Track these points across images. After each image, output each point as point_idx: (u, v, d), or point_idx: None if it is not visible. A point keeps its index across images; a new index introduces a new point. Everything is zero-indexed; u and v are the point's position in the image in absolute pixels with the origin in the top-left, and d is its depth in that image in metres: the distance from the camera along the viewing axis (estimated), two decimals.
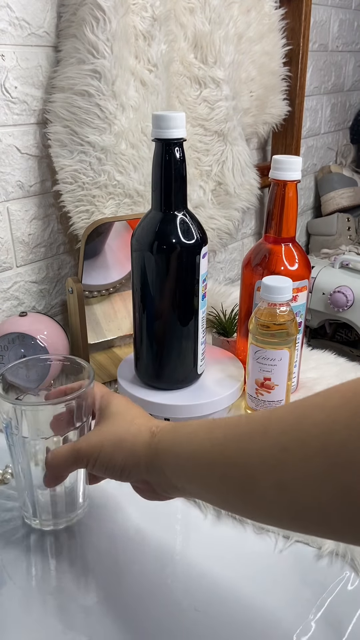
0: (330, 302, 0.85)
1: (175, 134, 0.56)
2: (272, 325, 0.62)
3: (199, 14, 0.84)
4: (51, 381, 0.58)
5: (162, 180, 0.58)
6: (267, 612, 0.45)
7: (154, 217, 0.60)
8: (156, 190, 0.59)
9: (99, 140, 0.73)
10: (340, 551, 0.49)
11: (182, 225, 0.59)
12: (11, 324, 0.71)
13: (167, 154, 0.56)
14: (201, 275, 0.61)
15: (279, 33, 1.06)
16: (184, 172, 0.58)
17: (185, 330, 0.63)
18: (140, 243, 0.60)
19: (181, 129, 0.56)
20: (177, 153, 0.57)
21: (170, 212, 0.59)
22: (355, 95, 1.66)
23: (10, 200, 0.75)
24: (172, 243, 0.58)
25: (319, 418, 0.31)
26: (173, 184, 0.58)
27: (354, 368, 0.80)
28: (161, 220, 0.59)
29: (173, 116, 0.55)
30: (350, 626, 0.43)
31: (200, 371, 0.66)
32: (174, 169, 0.57)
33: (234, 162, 0.94)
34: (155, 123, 0.56)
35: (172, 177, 0.57)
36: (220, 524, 0.53)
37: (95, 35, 0.69)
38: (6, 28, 0.68)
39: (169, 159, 0.57)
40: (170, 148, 0.56)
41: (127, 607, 0.45)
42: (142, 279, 0.61)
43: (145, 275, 0.60)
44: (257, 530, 0.53)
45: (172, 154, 0.56)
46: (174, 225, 0.59)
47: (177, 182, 0.58)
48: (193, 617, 0.44)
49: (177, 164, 0.57)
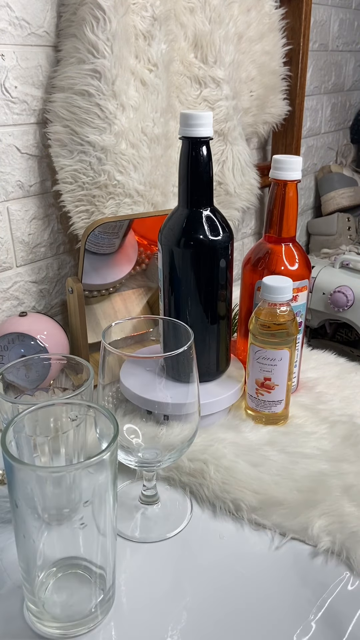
0: (330, 302, 0.85)
1: (203, 133, 0.57)
2: (273, 325, 0.62)
3: (199, 14, 0.84)
4: (51, 381, 0.58)
5: (189, 178, 0.59)
6: (267, 612, 0.45)
7: (181, 214, 0.61)
8: (183, 187, 0.60)
9: (99, 140, 0.73)
10: (335, 549, 0.49)
11: (209, 221, 0.60)
12: (11, 324, 0.71)
13: (194, 152, 0.58)
14: (227, 272, 0.63)
15: (279, 33, 1.06)
16: (210, 170, 0.59)
17: (214, 325, 0.64)
18: (168, 239, 0.61)
19: (208, 128, 0.57)
20: (203, 151, 0.58)
21: (197, 209, 0.60)
22: (356, 95, 1.66)
23: (10, 200, 0.75)
24: (198, 239, 0.60)
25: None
26: (199, 181, 0.59)
27: (354, 368, 0.80)
28: (187, 216, 0.60)
29: (200, 115, 0.57)
30: (350, 626, 0.43)
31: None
32: (200, 167, 0.59)
33: (234, 161, 0.94)
34: (183, 121, 0.57)
35: (199, 174, 0.59)
36: (217, 520, 0.53)
37: (95, 34, 0.69)
38: (6, 28, 0.68)
39: (196, 157, 0.58)
40: (197, 146, 0.58)
41: (123, 604, 0.45)
42: (171, 275, 0.63)
43: (174, 271, 0.62)
44: (254, 527, 0.53)
45: (199, 152, 0.58)
46: (200, 221, 0.60)
47: (203, 180, 0.59)
48: (194, 617, 0.44)
49: (203, 162, 0.58)
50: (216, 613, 0.45)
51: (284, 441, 0.63)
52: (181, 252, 0.60)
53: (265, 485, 0.55)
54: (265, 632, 0.43)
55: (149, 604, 0.45)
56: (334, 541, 0.50)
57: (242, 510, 0.54)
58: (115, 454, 0.41)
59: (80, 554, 0.45)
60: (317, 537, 0.50)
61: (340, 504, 0.53)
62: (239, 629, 0.43)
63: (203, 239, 0.60)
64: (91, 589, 0.45)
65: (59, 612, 0.44)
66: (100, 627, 0.43)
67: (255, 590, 0.47)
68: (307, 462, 0.59)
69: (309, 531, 0.51)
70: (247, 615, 0.44)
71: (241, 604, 0.45)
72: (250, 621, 0.44)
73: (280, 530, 0.52)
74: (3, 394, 0.50)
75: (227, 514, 0.54)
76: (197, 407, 0.51)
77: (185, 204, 0.60)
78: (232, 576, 0.48)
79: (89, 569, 0.45)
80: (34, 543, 0.42)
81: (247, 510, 0.54)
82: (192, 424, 0.50)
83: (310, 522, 0.51)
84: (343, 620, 0.44)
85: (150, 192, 0.80)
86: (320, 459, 0.60)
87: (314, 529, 0.51)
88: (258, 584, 0.47)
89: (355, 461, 0.59)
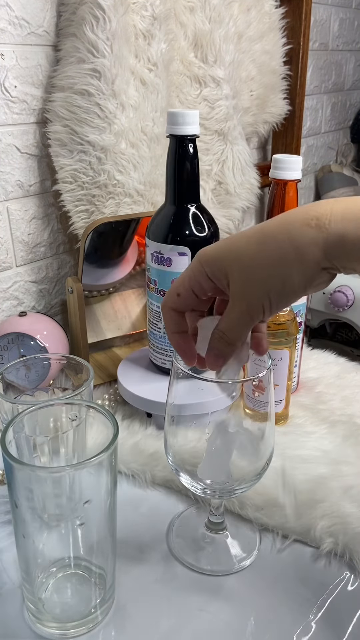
0: (330, 301, 0.85)
1: (189, 131, 0.58)
2: (273, 325, 0.62)
3: (199, 13, 0.84)
4: (51, 381, 0.58)
5: (176, 175, 0.60)
6: (267, 612, 0.45)
7: (168, 211, 0.62)
8: (170, 184, 0.61)
9: (98, 140, 0.73)
10: (338, 551, 0.49)
11: (195, 218, 0.61)
12: (11, 323, 0.71)
13: (181, 150, 0.59)
14: None
15: (279, 32, 1.06)
16: (196, 168, 0.61)
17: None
18: (155, 236, 0.62)
19: (195, 126, 0.58)
20: (190, 149, 0.59)
21: (183, 205, 0.61)
22: (356, 95, 1.65)
23: (9, 200, 0.75)
24: (185, 235, 0.61)
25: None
26: (186, 178, 0.61)
27: (354, 368, 0.80)
28: (174, 213, 0.62)
29: (187, 113, 0.58)
30: (350, 626, 0.43)
31: None
32: (187, 164, 0.60)
33: (234, 161, 0.94)
34: (170, 120, 0.58)
35: (185, 172, 0.60)
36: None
37: (95, 34, 0.69)
38: (6, 27, 0.68)
39: (183, 155, 0.59)
40: (184, 144, 0.59)
41: (127, 604, 0.45)
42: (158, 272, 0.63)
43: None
44: (259, 526, 0.53)
45: (186, 149, 0.59)
46: (187, 218, 0.61)
47: (190, 177, 0.61)
48: (194, 617, 0.44)
49: (190, 160, 0.60)
50: (216, 613, 0.44)
51: (284, 441, 0.63)
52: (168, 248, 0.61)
53: (265, 487, 0.55)
54: (265, 632, 0.43)
55: (149, 604, 0.45)
56: (337, 542, 0.50)
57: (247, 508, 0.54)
58: (115, 454, 0.41)
59: (80, 554, 0.45)
60: (319, 539, 0.50)
61: (341, 505, 0.53)
62: (239, 629, 0.43)
63: (190, 235, 0.61)
64: (91, 589, 0.45)
65: (59, 612, 0.44)
66: (100, 627, 0.43)
67: (255, 590, 0.47)
68: (307, 463, 0.59)
69: (312, 533, 0.51)
70: (247, 615, 0.44)
71: (241, 603, 0.45)
72: (250, 621, 0.44)
73: (283, 532, 0.52)
74: (3, 394, 0.50)
75: (229, 513, 0.54)
76: (272, 440, 0.48)
77: (173, 201, 0.62)
78: (232, 576, 0.48)
79: (89, 569, 0.45)
80: (34, 543, 0.42)
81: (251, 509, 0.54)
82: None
83: (312, 523, 0.51)
84: (343, 620, 0.44)
85: (150, 191, 0.80)
86: (320, 460, 0.60)
87: (316, 531, 0.51)
88: (258, 584, 0.47)
89: (355, 462, 0.59)
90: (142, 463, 0.59)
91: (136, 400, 0.65)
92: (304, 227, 0.36)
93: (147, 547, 0.50)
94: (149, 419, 0.67)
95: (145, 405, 0.64)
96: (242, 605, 0.45)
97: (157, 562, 0.49)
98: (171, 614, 0.44)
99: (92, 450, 0.42)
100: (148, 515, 0.55)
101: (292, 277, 0.36)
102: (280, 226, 0.37)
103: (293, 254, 0.36)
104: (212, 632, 0.43)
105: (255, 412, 0.66)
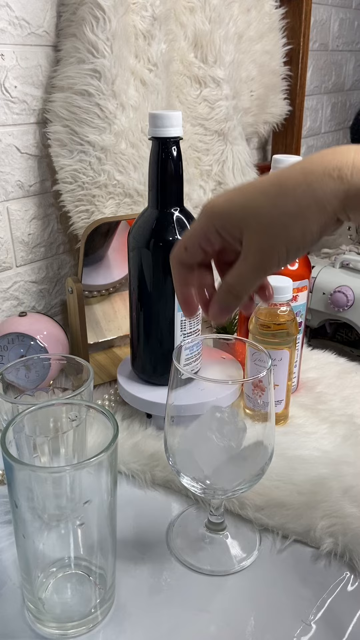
0: (330, 302, 0.85)
1: (172, 133, 0.56)
2: (273, 325, 0.62)
3: (199, 13, 0.84)
4: (50, 381, 0.58)
5: (159, 179, 0.58)
6: (267, 612, 0.45)
7: (150, 215, 0.60)
8: (153, 188, 0.59)
9: (98, 140, 0.73)
10: (339, 551, 0.49)
11: (179, 222, 0.60)
12: (11, 324, 0.71)
13: (164, 153, 0.57)
14: None
15: (279, 32, 1.06)
16: (180, 171, 0.59)
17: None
18: (137, 240, 0.60)
19: (177, 128, 0.56)
20: (173, 151, 0.57)
21: (167, 210, 0.60)
22: (356, 95, 1.65)
23: (10, 200, 0.75)
24: (168, 240, 0.59)
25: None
26: (169, 182, 0.59)
27: (354, 368, 0.80)
28: (157, 218, 0.60)
29: (169, 115, 0.56)
30: (350, 627, 0.43)
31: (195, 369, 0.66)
32: (170, 167, 0.58)
33: (234, 161, 0.94)
34: (152, 122, 0.56)
35: (168, 175, 0.58)
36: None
37: (95, 34, 0.69)
38: (6, 27, 0.68)
39: (165, 158, 0.57)
40: (166, 146, 0.57)
41: (126, 604, 0.45)
42: (140, 276, 0.62)
43: (143, 273, 0.61)
44: (258, 526, 0.53)
45: (169, 152, 0.57)
46: (170, 222, 0.59)
47: (173, 180, 0.59)
48: (194, 617, 0.44)
49: (173, 162, 0.58)
50: (216, 613, 0.44)
51: (284, 441, 0.63)
52: (150, 253, 0.60)
53: (265, 487, 0.55)
54: (265, 632, 0.43)
55: (149, 604, 0.45)
56: (337, 543, 0.50)
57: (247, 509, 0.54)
58: (115, 454, 0.41)
59: (80, 554, 0.45)
60: (319, 539, 0.50)
61: (341, 505, 0.53)
62: (239, 629, 0.43)
63: (173, 241, 0.59)
64: (91, 589, 0.45)
65: (59, 612, 0.44)
66: (100, 627, 0.43)
67: (255, 590, 0.47)
68: (307, 464, 0.59)
69: (312, 533, 0.51)
70: (247, 615, 0.44)
71: (241, 603, 0.45)
72: (250, 621, 0.44)
73: (283, 532, 0.52)
74: (3, 394, 0.50)
75: (229, 514, 0.54)
76: (272, 441, 0.48)
77: (155, 205, 0.60)
78: (232, 576, 0.48)
79: (89, 569, 0.45)
80: (34, 543, 0.42)
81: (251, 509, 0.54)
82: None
83: (312, 524, 0.51)
84: (343, 620, 0.44)
85: None
86: (320, 460, 0.60)
87: (316, 531, 0.50)
88: (258, 584, 0.47)
89: (355, 462, 0.59)
90: (142, 463, 0.59)
91: (136, 401, 0.65)
92: (325, 178, 0.35)
93: (147, 547, 0.50)
94: (148, 419, 0.67)
95: (145, 406, 0.64)
96: (242, 605, 0.45)
97: (157, 562, 0.49)
98: (171, 614, 0.44)
99: (92, 450, 0.42)
100: (148, 515, 0.55)
101: (312, 229, 0.36)
102: (299, 176, 0.36)
103: (314, 207, 0.35)
104: (212, 632, 0.43)
105: (255, 412, 0.66)
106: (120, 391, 0.67)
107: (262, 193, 0.37)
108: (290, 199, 0.36)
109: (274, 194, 0.37)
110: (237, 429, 0.45)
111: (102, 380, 0.76)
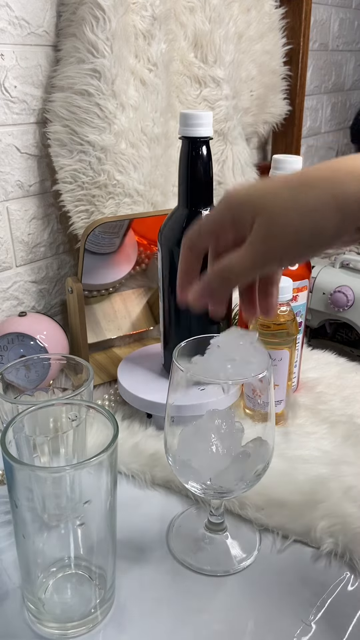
0: (330, 302, 0.85)
1: (202, 132, 0.57)
2: (273, 325, 0.62)
3: (199, 13, 0.84)
4: (50, 381, 0.58)
5: (189, 178, 0.59)
6: (267, 612, 0.45)
7: (181, 214, 0.61)
8: (183, 187, 0.60)
9: (98, 140, 0.73)
10: (339, 551, 0.49)
11: None
12: (11, 323, 0.71)
13: (194, 152, 0.58)
14: None
15: (279, 32, 1.06)
16: (210, 170, 0.59)
17: (214, 325, 0.64)
18: (168, 239, 0.61)
19: (208, 127, 0.57)
20: (203, 151, 0.58)
21: (197, 209, 0.60)
22: (356, 95, 1.65)
23: (9, 200, 0.75)
24: None
25: None
26: (199, 181, 0.59)
27: (354, 368, 0.80)
28: (187, 216, 0.60)
29: (200, 114, 0.57)
30: (350, 627, 0.43)
31: None
32: (200, 167, 0.58)
33: (234, 161, 0.94)
34: (183, 121, 0.57)
35: (199, 174, 0.59)
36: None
37: (95, 34, 0.69)
38: (5, 27, 0.68)
39: (195, 157, 0.58)
40: (197, 146, 0.58)
41: (126, 604, 0.45)
42: (171, 274, 0.63)
43: (174, 271, 0.62)
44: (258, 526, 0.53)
45: (199, 151, 0.58)
46: None
47: (203, 180, 0.59)
48: (194, 617, 0.44)
49: (203, 162, 0.58)
50: (216, 613, 0.44)
51: (284, 441, 0.63)
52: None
53: (265, 487, 0.55)
54: (265, 632, 0.43)
55: (149, 604, 0.45)
56: (337, 543, 0.50)
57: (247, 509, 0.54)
58: (115, 454, 0.41)
59: (80, 554, 0.45)
60: (319, 539, 0.50)
61: (341, 505, 0.53)
62: (239, 629, 0.43)
63: None
64: (91, 589, 0.45)
65: (59, 612, 0.44)
66: (100, 627, 0.43)
67: (255, 590, 0.47)
68: (307, 464, 0.59)
69: (312, 533, 0.51)
70: (247, 615, 0.44)
71: (241, 604, 0.45)
72: (250, 621, 0.44)
73: (283, 532, 0.52)
74: (3, 394, 0.50)
75: (229, 514, 0.54)
76: (272, 441, 0.47)
77: (185, 204, 0.60)
78: (232, 576, 0.48)
79: (89, 569, 0.45)
80: (34, 543, 0.42)
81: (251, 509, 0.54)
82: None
83: (312, 524, 0.51)
84: (343, 620, 0.44)
85: (150, 191, 0.80)
86: (320, 460, 0.60)
87: (316, 531, 0.50)
88: (258, 584, 0.47)
89: (355, 462, 0.59)
90: (142, 463, 0.59)
91: (136, 400, 0.65)
92: (348, 177, 0.34)
93: (147, 547, 0.50)
94: (148, 419, 0.67)
95: (145, 405, 0.64)
96: (242, 605, 0.45)
97: (157, 562, 0.49)
98: (171, 614, 0.44)
99: (92, 450, 0.42)
100: (148, 515, 0.55)
101: (325, 226, 0.34)
102: (326, 172, 0.35)
103: (333, 204, 0.34)
104: (212, 633, 0.43)
105: (255, 412, 0.66)
106: (121, 391, 0.67)
107: (285, 184, 0.36)
108: (311, 193, 0.35)
109: (296, 186, 0.36)
110: (233, 431, 0.45)
111: (102, 380, 0.76)
